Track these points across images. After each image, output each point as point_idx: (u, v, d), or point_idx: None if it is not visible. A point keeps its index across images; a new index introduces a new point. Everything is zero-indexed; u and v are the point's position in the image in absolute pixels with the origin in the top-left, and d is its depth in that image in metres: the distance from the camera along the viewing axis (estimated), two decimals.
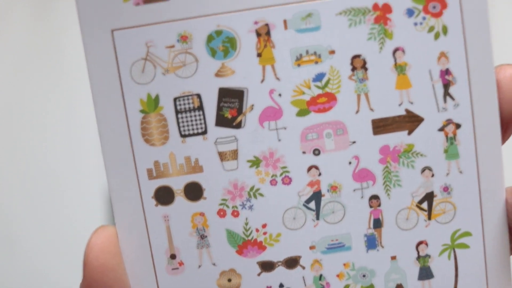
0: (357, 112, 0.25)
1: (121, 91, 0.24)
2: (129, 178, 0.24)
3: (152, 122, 0.24)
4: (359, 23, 0.24)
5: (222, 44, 0.24)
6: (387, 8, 0.24)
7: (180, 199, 0.25)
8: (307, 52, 0.24)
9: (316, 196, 0.25)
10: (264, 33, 0.24)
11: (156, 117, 0.24)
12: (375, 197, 0.25)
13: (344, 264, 0.25)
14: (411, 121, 0.25)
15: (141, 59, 0.24)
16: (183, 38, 0.24)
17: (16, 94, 0.69)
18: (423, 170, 0.25)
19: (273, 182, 0.25)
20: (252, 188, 0.25)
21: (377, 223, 0.25)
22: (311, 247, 0.25)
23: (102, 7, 0.24)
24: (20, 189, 0.66)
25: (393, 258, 0.25)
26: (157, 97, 0.24)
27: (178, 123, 0.24)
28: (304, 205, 0.25)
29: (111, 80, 0.24)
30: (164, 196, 0.25)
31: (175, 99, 0.24)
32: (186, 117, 0.24)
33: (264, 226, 0.25)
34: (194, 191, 0.25)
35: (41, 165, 0.67)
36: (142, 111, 0.24)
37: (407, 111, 0.25)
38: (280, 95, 0.24)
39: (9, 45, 0.70)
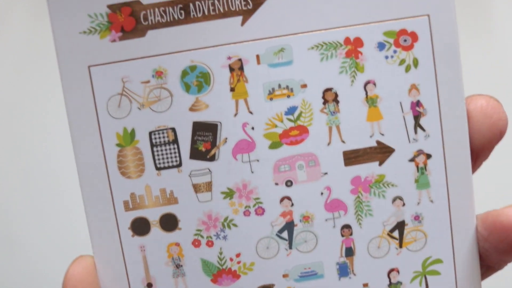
0: (328, 144, 0.25)
1: (98, 125, 0.25)
2: (106, 209, 0.25)
3: (128, 156, 0.25)
4: (330, 57, 0.25)
5: (196, 79, 0.25)
6: (358, 42, 0.25)
7: (156, 230, 0.25)
8: (279, 86, 0.25)
9: (289, 226, 0.26)
10: (237, 68, 0.25)
11: (132, 150, 0.25)
12: (347, 227, 0.26)
13: None
14: (382, 152, 0.25)
15: (117, 94, 0.25)
16: (158, 74, 0.25)
17: (16, 94, 0.69)
18: (394, 200, 0.26)
19: (246, 213, 0.25)
20: (226, 219, 0.25)
21: (349, 252, 0.26)
22: (284, 275, 0.26)
23: (79, 44, 0.24)
24: (20, 189, 0.65)
25: (365, 285, 0.26)
26: (133, 131, 0.25)
27: (153, 156, 0.25)
28: (277, 234, 0.26)
29: (88, 114, 0.25)
30: (140, 227, 0.25)
31: (150, 133, 0.25)
32: (161, 150, 0.25)
33: (238, 255, 0.26)
34: (169, 222, 0.25)
35: (41, 165, 0.66)
36: (118, 145, 0.25)
37: (378, 142, 0.25)
38: (253, 128, 0.25)
39: (9, 45, 0.70)
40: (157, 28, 0.24)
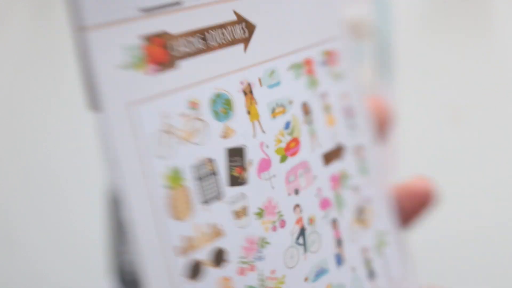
0: (313, 150, 0.29)
1: (140, 166, 0.22)
2: (156, 259, 0.22)
3: (175, 196, 0.23)
4: (300, 76, 0.28)
5: (222, 106, 0.25)
6: (310, 62, 0.29)
7: (208, 269, 0.24)
8: (277, 104, 0.27)
9: (302, 231, 0.28)
10: (248, 92, 0.26)
11: (179, 189, 0.23)
12: (334, 220, 0.29)
13: (327, 286, 0.29)
14: (340, 150, 0.30)
15: (158, 131, 0.23)
16: (193, 105, 0.24)
17: (16, 94, 0.68)
18: (354, 189, 0.30)
19: (274, 228, 0.26)
20: (261, 239, 0.26)
21: (340, 242, 0.29)
22: (305, 279, 0.28)
23: (118, 80, 0.21)
24: (20, 189, 0.65)
25: (353, 268, 0.30)
26: (178, 169, 0.23)
27: (199, 191, 0.24)
28: (296, 242, 0.27)
29: (131, 156, 0.22)
30: (193, 270, 0.24)
31: (194, 168, 0.24)
32: (206, 183, 0.24)
33: (273, 272, 0.26)
34: (219, 257, 0.24)
35: (41, 165, 0.67)
36: (165, 186, 0.23)
37: (337, 143, 0.30)
38: (267, 146, 0.26)
39: (9, 45, 0.70)
40: (185, 58, 0.24)
